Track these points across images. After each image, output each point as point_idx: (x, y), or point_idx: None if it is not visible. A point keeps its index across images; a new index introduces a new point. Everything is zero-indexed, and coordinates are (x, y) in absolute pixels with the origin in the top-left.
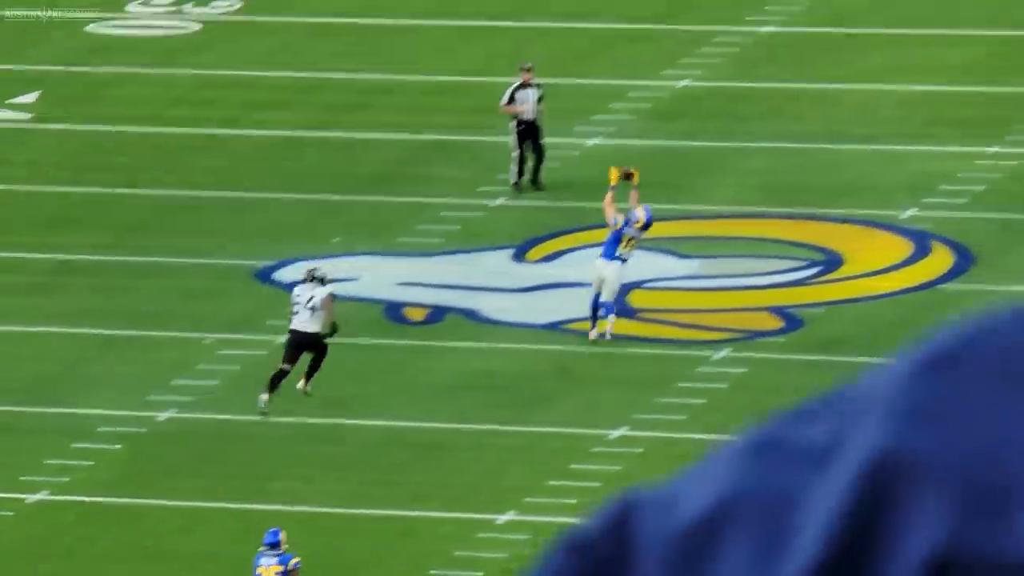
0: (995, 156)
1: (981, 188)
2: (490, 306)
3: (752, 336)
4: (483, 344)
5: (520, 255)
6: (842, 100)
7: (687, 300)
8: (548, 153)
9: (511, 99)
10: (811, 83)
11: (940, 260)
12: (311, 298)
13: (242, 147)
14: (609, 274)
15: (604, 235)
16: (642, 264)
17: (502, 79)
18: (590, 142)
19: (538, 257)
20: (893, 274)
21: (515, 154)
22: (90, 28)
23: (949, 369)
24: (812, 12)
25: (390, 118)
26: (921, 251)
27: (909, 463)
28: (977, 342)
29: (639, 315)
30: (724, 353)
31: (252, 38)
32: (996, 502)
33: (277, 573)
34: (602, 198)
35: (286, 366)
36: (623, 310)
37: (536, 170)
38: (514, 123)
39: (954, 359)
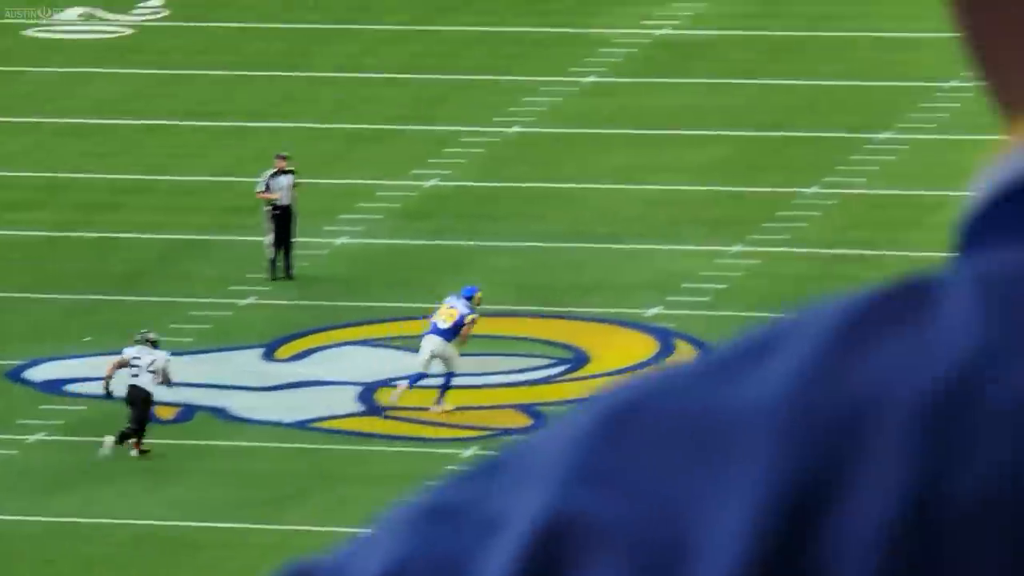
0: (737, 255)
1: (724, 287)
2: (240, 404)
3: (500, 434)
4: (233, 442)
5: (270, 354)
6: (586, 199)
7: (434, 398)
8: (298, 252)
9: (266, 187)
10: (556, 183)
11: (684, 358)
12: (152, 361)
13: None
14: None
15: (352, 334)
16: (391, 362)
17: (252, 179)
18: (339, 241)
19: (288, 355)
20: (638, 372)
21: (269, 238)
22: None
23: (623, 428)
24: (556, 113)
25: (143, 217)
26: (665, 349)
27: (582, 526)
28: (652, 401)
29: (387, 413)
30: (472, 451)
31: (4, 137)
32: (668, 563)
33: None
34: (354, 295)
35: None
36: (372, 408)
37: (287, 255)
38: (269, 209)
39: (629, 418)
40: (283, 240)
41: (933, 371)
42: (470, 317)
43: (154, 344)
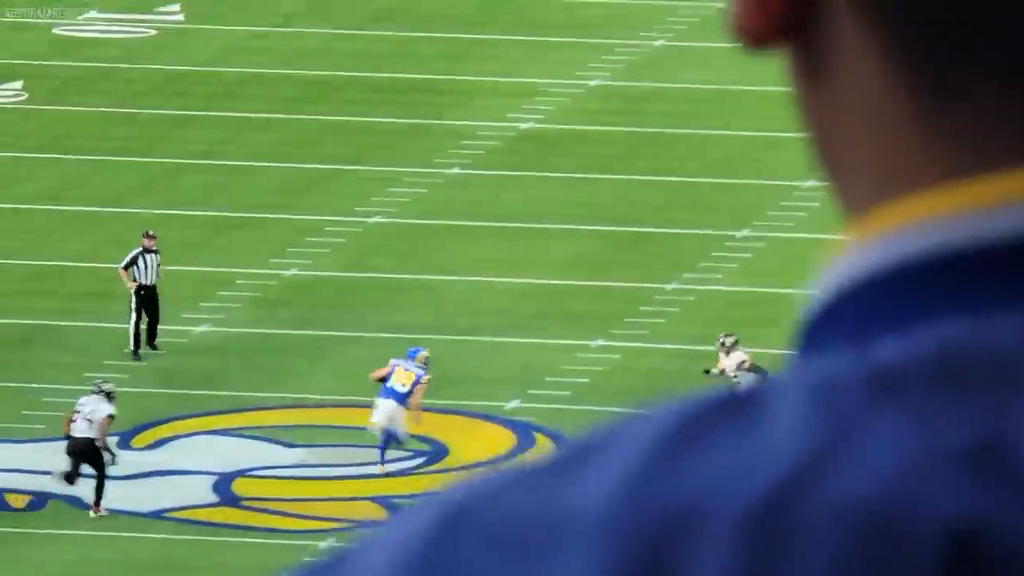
0: (599, 349)
1: (584, 380)
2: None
3: (356, 526)
4: (86, 532)
5: (126, 442)
6: (449, 291)
7: (293, 489)
8: (158, 340)
9: (131, 263)
10: (418, 274)
11: (541, 453)
12: (92, 411)
13: None
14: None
15: (209, 423)
16: (248, 452)
17: (110, 264)
18: (198, 328)
19: (144, 444)
20: (492, 466)
21: (132, 319)
22: None
23: (454, 531)
24: (419, 203)
25: None
26: (524, 443)
27: None
28: (483, 502)
29: (243, 503)
30: (328, 543)
31: None
32: None
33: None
34: (212, 384)
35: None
36: (228, 499)
37: (152, 332)
38: (134, 286)
39: (460, 520)
40: (152, 318)
41: (758, 478)
42: (425, 378)
43: (108, 396)
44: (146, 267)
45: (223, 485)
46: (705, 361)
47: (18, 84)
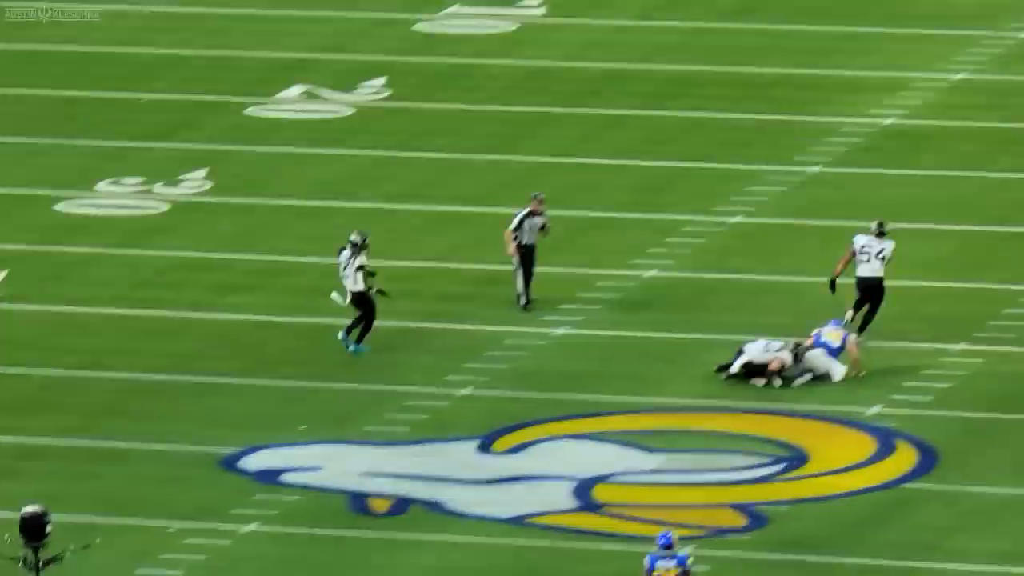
0: (962, 353)
1: (947, 385)
2: (455, 498)
3: (717, 533)
4: (447, 537)
5: (486, 446)
6: (809, 292)
7: (653, 495)
8: (514, 341)
9: (518, 225)
10: (778, 275)
11: (904, 459)
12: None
13: (209, 331)
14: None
15: (570, 427)
16: (608, 458)
17: (469, 266)
18: (557, 331)
19: (505, 448)
20: (857, 472)
21: (519, 273)
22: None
23: None
24: (780, 201)
25: None
26: (885, 449)
27: None
28: None
29: (604, 510)
30: (689, 550)
31: (221, 218)
32: None
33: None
34: (572, 387)
35: None
36: (588, 504)
37: (527, 289)
38: (515, 246)
39: None
40: (528, 275)
41: None
42: (853, 337)
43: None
44: (530, 229)
45: (583, 490)
46: None
47: (382, 81)
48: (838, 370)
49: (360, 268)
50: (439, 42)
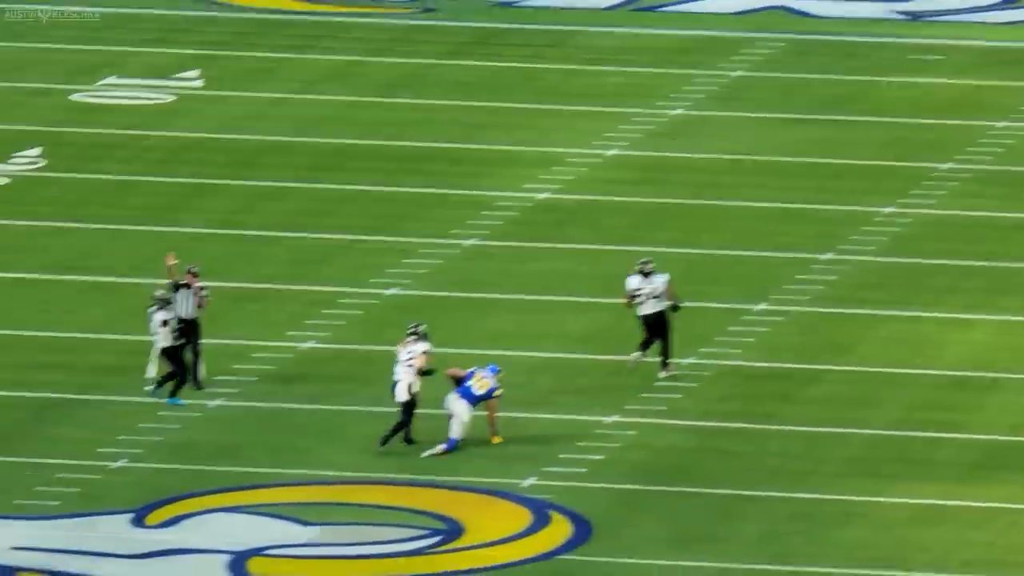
0: (613, 426)
1: (599, 458)
2: (109, 572)
3: None
4: None
5: (140, 519)
6: (465, 366)
7: (308, 568)
8: (169, 413)
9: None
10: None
11: (559, 531)
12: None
13: None
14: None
15: (224, 500)
16: (263, 530)
17: (123, 336)
18: (212, 403)
19: (158, 521)
20: (513, 544)
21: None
22: None
23: None
24: (435, 274)
25: (9, 375)
26: (540, 521)
27: None
28: None
29: None
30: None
31: None
32: None
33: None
34: (227, 460)
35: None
36: None
37: (196, 366)
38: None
39: None
40: (193, 350)
41: None
42: (498, 392)
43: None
44: (184, 301)
45: (238, 564)
46: (725, 438)
47: (37, 151)
48: (462, 416)
49: (165, 323)
50: (95, 112)
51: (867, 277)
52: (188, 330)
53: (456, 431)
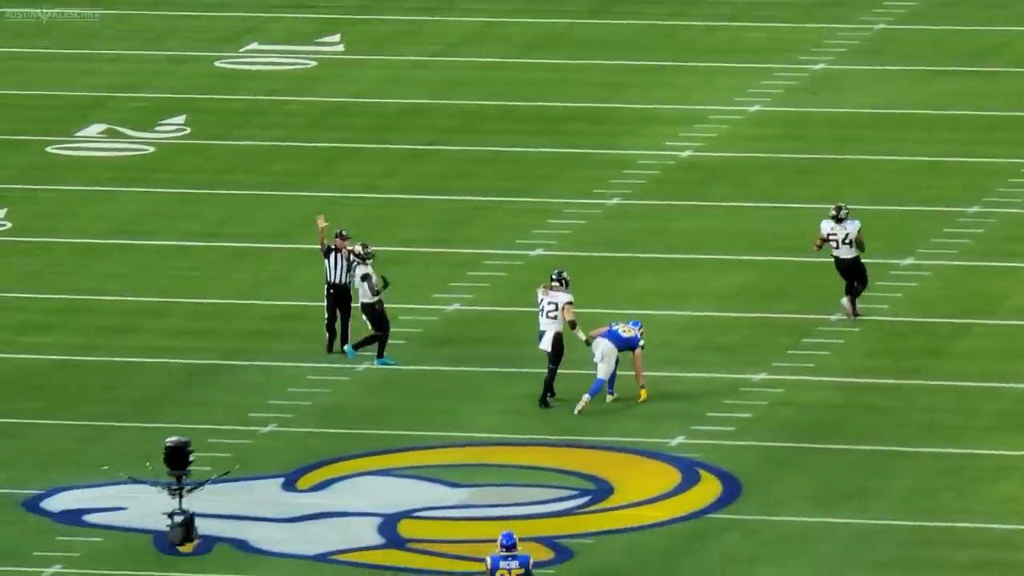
0: (761, 383)
1: (748, 415)
2: (260, 536)
3: None
4: (252, 575)
5: (291, 484)
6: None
7: (458, 530)
8: (318, 377)
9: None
10: (580, 308)
11: (708, 489)
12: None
13: (7, 371)
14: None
15: (373, 463)
16: (412, 493)
17: (271, 302)
18: (361, 367)
19: (309, 486)
20: (662, 503)
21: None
22: None
23: None
24: (579, 234)
25: (159, 342)
26: (689, 479)
27: None
28: None
29: (409, 545)
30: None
31: (20, 258)
32: None
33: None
34: (375, 423)
35: None
36: (393, 540)
37: (345, 329)
38: (327, 287)
39: None
40: (343, 315)
41: None
42: (642, 343)
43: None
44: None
45: (388, 526)
46: (870, 393)
47: (182, 119)
48: (609, 358)
49: (365, 277)
50: (238, 79)
51: (1014, 230)
52: (340, 295)
53: (603, 371)
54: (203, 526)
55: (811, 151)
